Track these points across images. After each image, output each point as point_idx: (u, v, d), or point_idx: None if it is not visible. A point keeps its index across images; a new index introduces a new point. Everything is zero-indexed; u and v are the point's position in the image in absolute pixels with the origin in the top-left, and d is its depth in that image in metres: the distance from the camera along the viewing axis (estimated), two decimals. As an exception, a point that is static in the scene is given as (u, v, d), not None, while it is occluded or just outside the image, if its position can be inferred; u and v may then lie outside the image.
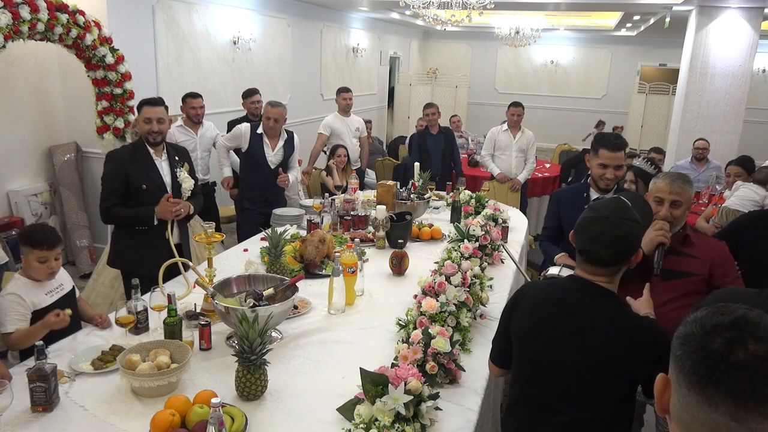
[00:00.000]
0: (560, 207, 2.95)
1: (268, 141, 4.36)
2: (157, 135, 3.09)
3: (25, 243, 2.35)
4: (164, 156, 3.19)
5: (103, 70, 4.68)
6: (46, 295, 2.38)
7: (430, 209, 4.30)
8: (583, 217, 1.74)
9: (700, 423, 0.76)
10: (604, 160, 2.73)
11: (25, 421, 1.74)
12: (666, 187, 2.28)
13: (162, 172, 3.15)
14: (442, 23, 7.45)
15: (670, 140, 8.11)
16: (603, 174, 2.75)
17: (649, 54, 13.43)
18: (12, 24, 3.81)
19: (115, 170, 3.08)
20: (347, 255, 2.67)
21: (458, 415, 1.87)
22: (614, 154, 2.73)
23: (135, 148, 3.17)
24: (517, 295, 1.86)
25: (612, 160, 2.73)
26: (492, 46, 13.77)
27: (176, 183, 3.17)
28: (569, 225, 2.81)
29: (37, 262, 2.33)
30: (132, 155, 3.12)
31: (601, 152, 2.74)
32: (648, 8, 8.14)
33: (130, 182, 3.07)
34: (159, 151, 3.16)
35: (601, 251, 1.65)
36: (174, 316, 2.19)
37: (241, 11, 7.10)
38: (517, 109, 5.97)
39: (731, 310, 0.79)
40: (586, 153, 7.01)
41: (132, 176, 3.07)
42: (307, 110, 8.71)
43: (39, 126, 5.05)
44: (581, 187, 2.92)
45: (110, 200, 3.06)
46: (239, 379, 1.87)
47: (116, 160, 3.11)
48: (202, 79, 6.44)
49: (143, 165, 3.11)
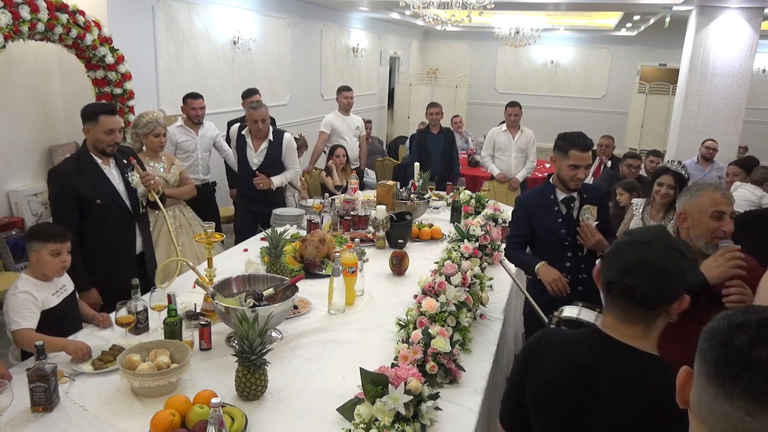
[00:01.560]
0: (530, 212, 2.88)
1: (250, 142, 4.35)
2: (116, 146, 2.92)
3: (36, 239, 2.32)
4: (112, 163, 2.98)
5: (103, 70, 4.68)
6: (53, 295, 2.36)
7: (430, 209, 4.31)
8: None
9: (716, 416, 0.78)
10: (575, 161, 2.70)
11: (25, 421, 1.74)
12: (723, 198, 2.06)
13: (113, 181, 2.95)
14: (442, 23, 7.45)
15: (670, 140, 8.11)
16: (574, 174, 2.72)
17: (649, 54, 13.43)
18: (12, 24, 3.81)
19: (64, 189, 2.83)
20: (347, 255, 2.67)
21: (458, 414, 1.87)
22: (585, 154, 2.71)
23: (80, 160, 2.91)
24: (531, 350, 1.51)
25: (583, 161, 2.72)
26: (492, 46, 13.77)
27: (131, 189, 3.00)
28: (544, 227, 2.81)
29: (50, 256, 2.32)
30: (78, 169, 2.87)
31: (571, 153, 2.70)
32: (648, 8, 8.14)
33: (82, 199, 2.84)
34: (107, 159, 2.95)
35: (637, 284, 1.29)
36: (174, 316, 2.19)
37: (241, 11, 7.10)
38: (514, 109, 5.97)
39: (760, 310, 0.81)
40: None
41: (82, 192, 2.84)
42: (307, 110, 8.71)
43: (39, 126, 5.04)
44: (545, 188, 2.88)
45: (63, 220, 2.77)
46: (239, 379, 1.87)
47: (60, 177, 2.85)
48: (202, 79, 6.44)
49: (92, 178, 2.88)
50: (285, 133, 4.45)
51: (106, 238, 2.94)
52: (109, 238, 2.95)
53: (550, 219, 2.81)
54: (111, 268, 2.88)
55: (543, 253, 2.83)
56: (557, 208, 2.81)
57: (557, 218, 2.80)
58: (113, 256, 2.95)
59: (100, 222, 2.89)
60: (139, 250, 3.11)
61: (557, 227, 2.79)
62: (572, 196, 2.81)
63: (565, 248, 2.80)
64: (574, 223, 2.78)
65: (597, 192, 3.04)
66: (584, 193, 2.83)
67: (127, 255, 3.04)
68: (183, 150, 4.85)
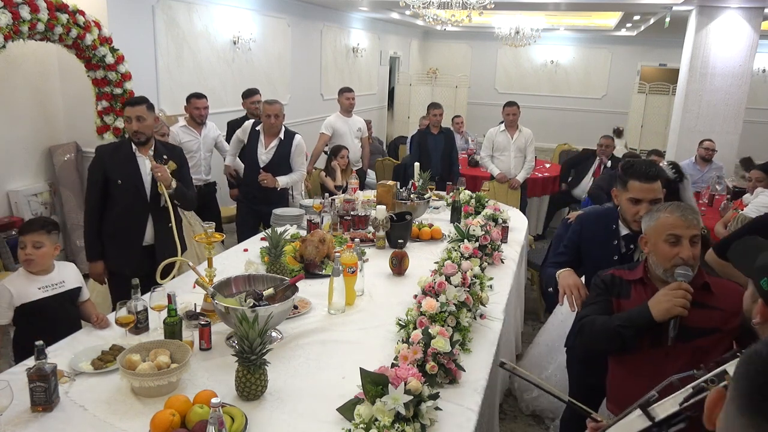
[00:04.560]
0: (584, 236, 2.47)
1: (263, 139, 4.38)
2: (139, 134, 3.08)
3: (20, 232, 2.44)
4: (151, 153, 3.14)
5: (103, 70, 4.68)
6: (39, 290, 2.38)
7: (430, 209, 4.30)
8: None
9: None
10: (636, 194, 2.21)
11: (25, 421, 1.74)
12: (680, 220, 1.82)
13: (142, 168, 3.13)
14: (442, 23, 7.45)
15: (670, 140, 8.11)
16: (636, 211, 2.21)
17: (649, 54, 13.44)
18: (12, 24, 3.81)
19: (95, 164, 3.16)
20: (347, 255, 2.67)
21: (458, 414, 1.87)
22: (648, 186, 2.21)
23: (121, 144, 3.23)
24: None
25: (646, 193, 2.20)
26: (492, 46, 13.77)
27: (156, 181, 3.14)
28: (593, 257, 2.37)
29: (33, 248, 2.38)
30: (116, 150, 3.18)
31: (631, 184, 2.22)
32: (648, 8, 8.14)
33: (108, 176, 3.11)
34: (145, 149, 3.14)
35: None
36: (174, 316, 2.19)
37: (241, 11, 7.10)
38: (512, 109, 5.96)
39: None
40: (586, 152, 6.99)
41: (109, 170, 3.11)
42: (307, 110, 8.71)
43: (39, 126, 5.05)
44: (609, 214, 2.43)
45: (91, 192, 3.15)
46: (239, 379, 1.87)
47: (98, 152, 3.20)
48: (202, 79, 6.44)
49: (123, 161, 3.12)
50: (297, 135, 4.46)
51: (118, 220, 3.15)
52: (120, 221, 3.15)
53: (603, 251, 2.36)
54: (116, 250, 3.09)
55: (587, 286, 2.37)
56: (616, 242, 2.35)
57: (613, 254, 2.34)
58: (118, 239, 3.14)
59: (117, 203, 3.14)
60: (148, 242, 3.20)
61: (608, 264, 2.23)
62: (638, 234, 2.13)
63: None
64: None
65: None
66: None
67: (133, 242, 3.17)
68: (186, 150, 4.82)
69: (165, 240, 3.19)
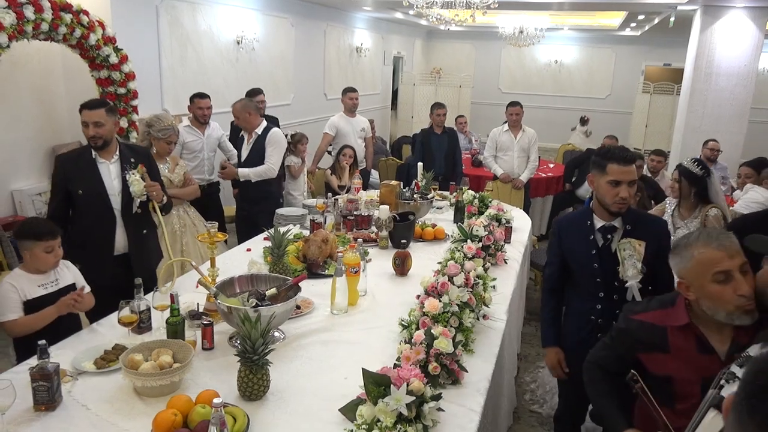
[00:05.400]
0: (563, 237, 2.54)
1: (245, 136, 4.51)
2: (96, 139, 2.90)
3: (27, 237, 2.40)
4: (114, 158, 3.00)
5: (107, 69, 4.69)
6: (39, 287, 2.41)
7: (434, 209, 4.30)
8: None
9: None
10: (615, 176, 2.27)
11: (27, 420, 1.75)
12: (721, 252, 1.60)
13: (108, 175, 2.97)
14: (445, 23, 7.43)
15: (674, 140, 8.08)
16: (616, 193, 2.27)
17: (653, 53, 13.40)
18: (16, 24, 3.82)
19: (57, 174, 3.00)
20: (350, 255, 2.66)
21: (461, 415, 1.87)
22: (626, 168, 2.27)
23: (82, 151, 3.02)
24: None
25: (625, 175, 2.26)
26: (496, 46, 13.76)
27: (126, 188, 2.98)
28: (575, 259, 2.47)
29: (44, 252, 2.40)
30: (76, 158, 2.99)
31: (610, 167, 2.28)
32: (652, 8, 8.11)
33: (69, 187, 2.94)
34: (106, 154, 2.98)
35: None
36: (177, 315, 2.19)
37: (244, 11, 7.10)
38: (515, 109, 5.96)
39: None
40: (590, 152, 6.97)
41: (70, 180, 2.93)
42: (310, 110, 8.72)
43: (43, 125, 5.06)
44: (583, 212, 2.50)
45: (51, 204, 2.99)
46: (241, 379, 1.87)
47: (57, 162, 3.03)
48: (205, 79, 6.45)
49: (84, 169, 2.94)
50: (273, 129, 4.48)
51: (84, 231, 2.96)
52: (87, 232, 2.96)
53: (582, 250, 2.42)
54: (84, 261, 2.75)
55: (575, 292, 2.52)
56: (592, 237, 2.39)
57: (591, 249, 2.39)
58: (88, 250, 2.90)
59: (82, 214, 2.97)
60: (120, 251, 3.03)
61: (589, 260, 2.38)
62: (613, 225, 2.35)
63: (597, 287, 2.40)
64: (611, 258, 2.34)
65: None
66: (631, 223, 2.35)
67: (102, 252, 2.97)
68: (190, 150, 4.85)
69: (140, 248, 3.08)
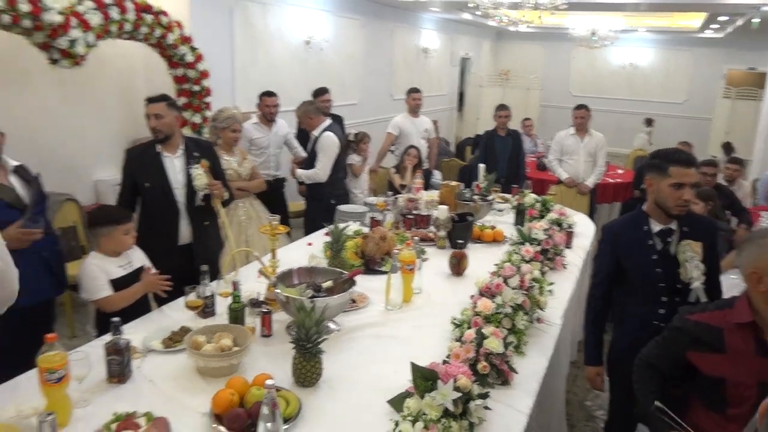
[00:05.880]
0: (616, 245, 2.47)
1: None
2: (157, 131, 3.04)
3: (107, 223, 2.59)
4: (179, 152, 3.12)
5: (183, 68, 4.93)
6: (118, 268, 2.60)
7: (494, 211, 4.27)
8: None
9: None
10: (679, 179, 2.24)
11: (102, 390, 1.90)
12: None
13: (172, 169, 3.09)
14: (513, 24, 7.35)
15: (756, 147, 7.65)
16: (679, 196, 2.25)
17: (736, 57, 12.68)
18: (102, 24, 4.09)
19: (126, 167, 3.15)
20: (406, 252, 2.70)
21: (508, 416, 1.87)
22: (689, 170, 2.26)
23: (148, 146, 3.14)
24: None
25: (688, 177, 2.25)
26: (565, 48, 13.44)
27: (190, 182, 3.09)
28: (634, 266, 2.40)
29: (123, 235, 2.61)
30: (143, 152, 3.13)
31: (672, 170, 2.26)
32: (734, 9, 7.71)
33: (136, 180, 3.08)
34: (170, 147, 3.11)
35: None
36: (238, 302, 2.30)
37: (314, 12, 7.28)
38: (580, 112, 5.82)
39: None
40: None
41: (137, 174, 3.08)
42: (375, 110, 8.82)
43: (125, 120, 5.37)
44: (637, 217, 2.43)
45: (121, 194, 3.15)
46: (296, 365, 1.95)
47: (128, 156, 3.18)
48: (275, 78, 6.65)
49: (149, 162, 3.07)
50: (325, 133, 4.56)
51: (149, 221, 3.12)
52: (153, 222, 3.11)
53: (642, 255, 2.38)
54: (152, 249, 2.87)
55: (632, 298, 2.46)
56: (651, 242, 2.37)
57: (651, 254, 2.36)
58: (154, 240, 3.00)
59: (149, 205, 3.13)
60: (185, 242, 3.15)
61: (651, 266, 2.35)
62: (670, 228, 2.34)
63: (659, 292, 2.36)
64: (671, 261, 2.32)
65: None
66: (686, 225, 2.34)
67: (167, 243, 3.08)
68: (257, 146, 5.04)
69: (203, 238, 3.19)
